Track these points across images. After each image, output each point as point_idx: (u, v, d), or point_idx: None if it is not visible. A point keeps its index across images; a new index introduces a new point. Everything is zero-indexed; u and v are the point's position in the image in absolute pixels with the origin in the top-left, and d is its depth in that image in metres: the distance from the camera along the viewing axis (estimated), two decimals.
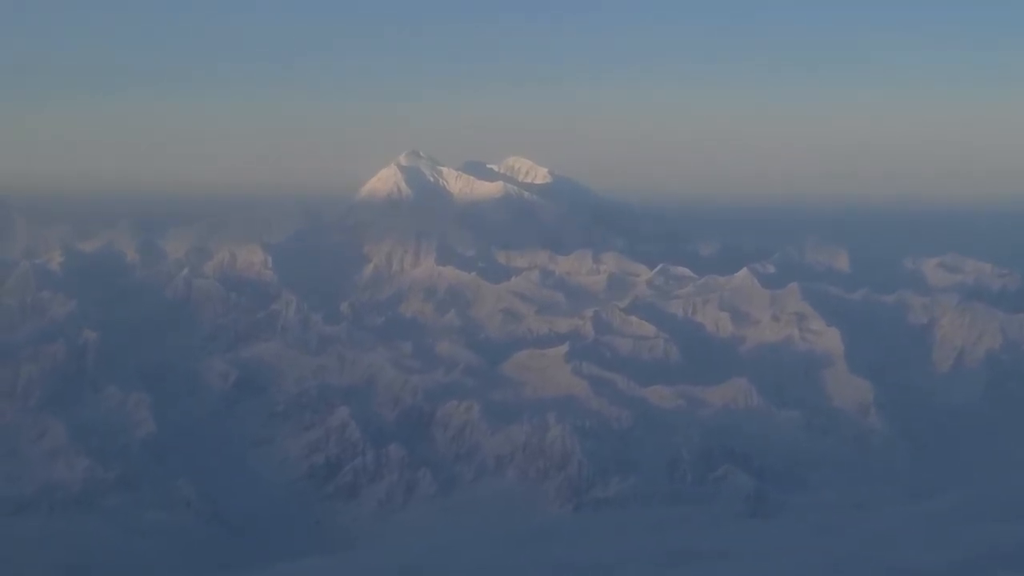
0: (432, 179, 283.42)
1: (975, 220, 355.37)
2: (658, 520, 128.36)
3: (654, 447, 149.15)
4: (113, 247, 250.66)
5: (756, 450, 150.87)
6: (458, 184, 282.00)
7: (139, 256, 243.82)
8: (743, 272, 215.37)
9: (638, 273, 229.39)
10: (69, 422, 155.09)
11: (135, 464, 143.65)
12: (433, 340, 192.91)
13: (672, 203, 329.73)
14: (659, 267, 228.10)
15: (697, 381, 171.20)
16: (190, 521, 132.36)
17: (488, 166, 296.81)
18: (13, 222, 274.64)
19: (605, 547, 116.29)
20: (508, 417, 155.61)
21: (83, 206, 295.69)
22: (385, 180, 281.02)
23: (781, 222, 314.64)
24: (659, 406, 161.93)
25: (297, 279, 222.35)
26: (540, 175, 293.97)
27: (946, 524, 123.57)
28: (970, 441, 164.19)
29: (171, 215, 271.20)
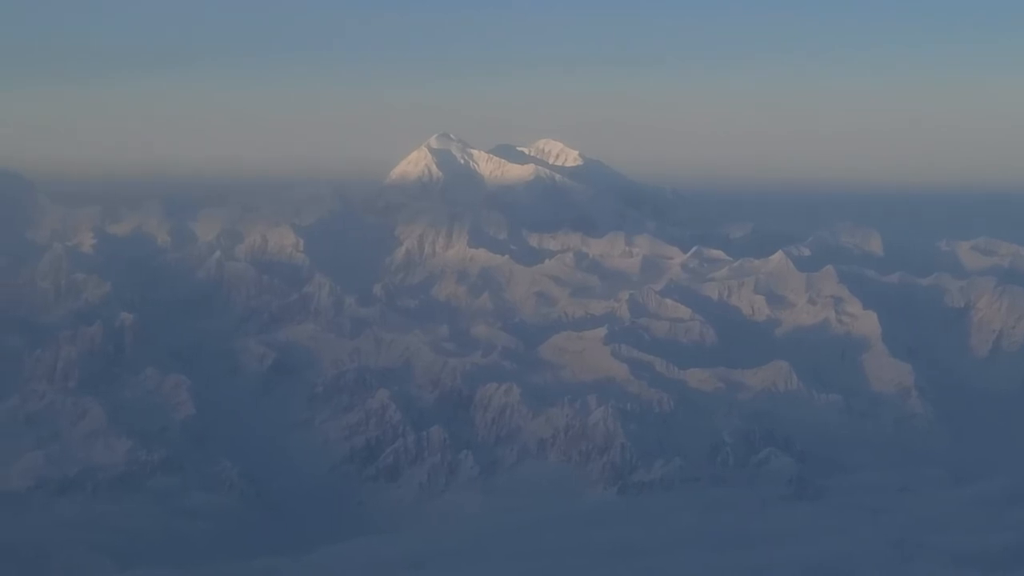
0: (463, 162, 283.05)
1: (1005, 203, 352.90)
2: (704, 503, 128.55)
3: (695, 430, 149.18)
4: (144, 230, 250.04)
5: (797, 433, 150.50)
6: (489, 167, 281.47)
7: (170, 239, 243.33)
8: (778, 255, 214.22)
9: (671, 256, 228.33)
10: (108, 404, 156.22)
11: (177, 446, 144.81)
12: (468, 323, 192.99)
13: (702, 186, 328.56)
14: (693, 250, 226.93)
15: (734, 364, 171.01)
16: (234, 503, 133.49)
17: (519, 149, 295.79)
18: (41, 205, 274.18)
19: (653, 530, 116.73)
20: (548, 400, 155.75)
21: (111, 189, 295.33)
22: (416, 163, 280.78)
23: (811, 206, 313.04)
24: (699, 389, 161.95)
25: (329, 261, 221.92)
26: (571, 158, 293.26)
27: (994, 508, 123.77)
28: (1011, 425, 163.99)
29: (201, 198, 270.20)
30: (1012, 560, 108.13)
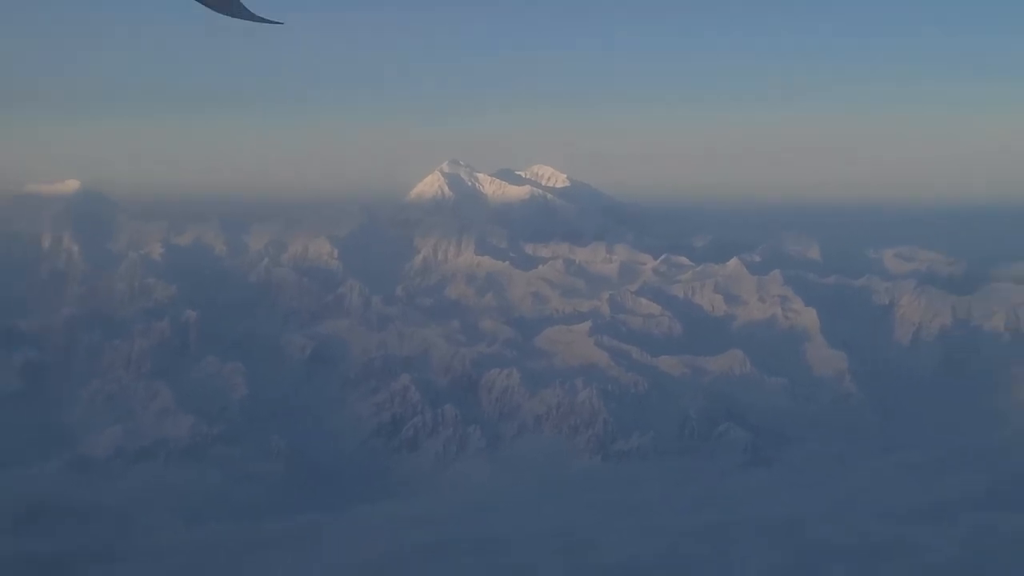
0: (470, 184, 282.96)
1: (923, 217, 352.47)
2: (673, 468, 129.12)
3: (666, 407, 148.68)
4: (203, 241, 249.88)
5: (750, 410, 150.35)
6: (491, 188, 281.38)
7: (226, 248, 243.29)
8: (734, 261, 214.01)
9: (644, 262, 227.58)
10: (175, 387, 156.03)
11: (233, 422, 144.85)
12: (475, 318, 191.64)
13: (670, 204, 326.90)
14: (662, 257, 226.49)
15: (697, 352, 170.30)
16: (282, 470, 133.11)
17: (516, 172, 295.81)
18: (120, 221, 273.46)
19: (632, 492, 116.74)
20: (543, 382, 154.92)
21: (177, 207, 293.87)
22: (430, 184, 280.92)
23: (760, 219, 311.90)
24: (668, 373, 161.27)
25: (358, 267, 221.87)
26: (560, 180, 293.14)
27: (916, 473, 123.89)
28: (929, 403, 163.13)
29: (252, 214, 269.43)
30: (933, 515, 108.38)
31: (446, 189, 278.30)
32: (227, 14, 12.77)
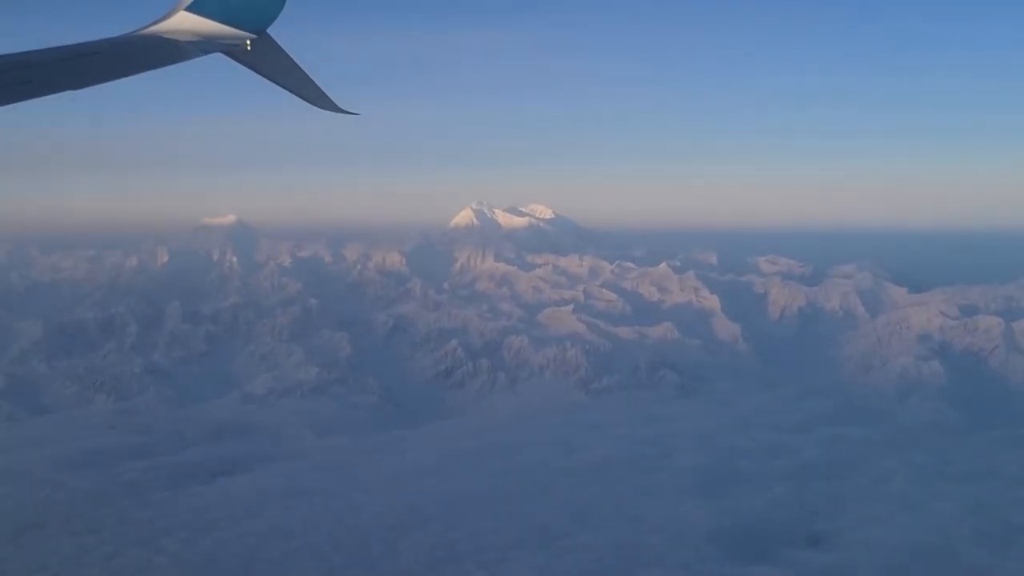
0: (490, 216, 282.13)
1: (784, 235, 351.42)
2: (630, 399, 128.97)
3: (624, 360, 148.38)
4: (317, 253, 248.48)
5: (678, 361, 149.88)
6: (504, 219, 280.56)
7: (332, 259, 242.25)
8: (662, 265, 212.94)
9: (604, 266, 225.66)
10: (303, 349, 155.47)
11: (342, 370, 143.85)
12: (496, 303, 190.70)
13: (620, 227, 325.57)
14: (616, 263, 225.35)
15: (642, 324, 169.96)
16: (375, 402, 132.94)
17: (520, 208, 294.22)
18: (260, 241, 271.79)
19: (605, 415, 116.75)
20: (543, 344, 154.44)
21: (297, 230, 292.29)
22: (464, 216, 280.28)
23: (681, 237, 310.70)
24: (624, 338, 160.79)
25: (420, 270, 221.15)
26: (548, 213, 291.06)
27: (788, 402, 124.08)
28: (793, 357, 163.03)
29: (349, 236, 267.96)
30: (800, 428, 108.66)
31: (474, 220, 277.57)
32: (314, 104, 11.10)
